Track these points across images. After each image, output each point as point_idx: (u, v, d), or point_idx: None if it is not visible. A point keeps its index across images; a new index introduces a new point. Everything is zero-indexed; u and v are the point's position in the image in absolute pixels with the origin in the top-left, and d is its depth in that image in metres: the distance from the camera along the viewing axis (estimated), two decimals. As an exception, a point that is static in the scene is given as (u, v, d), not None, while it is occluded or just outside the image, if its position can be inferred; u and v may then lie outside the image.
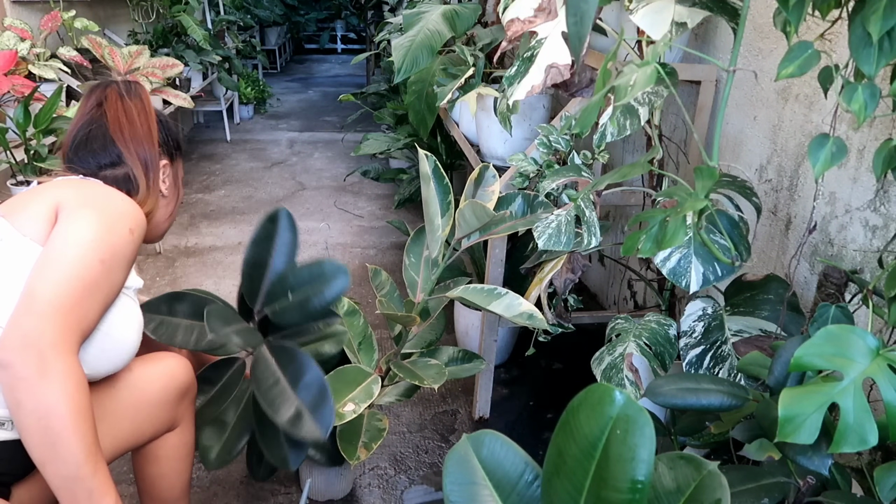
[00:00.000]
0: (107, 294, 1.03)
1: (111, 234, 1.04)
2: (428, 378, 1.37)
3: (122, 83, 1.27)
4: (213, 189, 4.02)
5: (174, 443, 1.30)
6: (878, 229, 1.29)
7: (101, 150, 1.19)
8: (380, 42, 3.37)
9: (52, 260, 0.98)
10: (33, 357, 0.90)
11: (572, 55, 1.28)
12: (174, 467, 1.32)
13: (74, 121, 1.22)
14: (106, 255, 1.02)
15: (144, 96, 1.27)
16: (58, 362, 0.91)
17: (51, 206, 1.05)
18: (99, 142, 1.19)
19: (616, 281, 2.55)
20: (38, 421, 0.90)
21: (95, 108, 1.22)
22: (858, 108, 0.84)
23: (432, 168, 1.43)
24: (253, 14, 6.62)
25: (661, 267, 1.20)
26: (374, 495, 1.75)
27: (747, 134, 1.69)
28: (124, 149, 1.20)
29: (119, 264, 1.05)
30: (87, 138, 1.19)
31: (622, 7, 1.60)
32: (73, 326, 0.96)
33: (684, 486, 0.68)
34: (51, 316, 0.93)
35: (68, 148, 1.20)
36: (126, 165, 1.20)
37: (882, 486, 0.85)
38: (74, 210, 1.05)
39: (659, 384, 1.04)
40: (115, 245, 1.04)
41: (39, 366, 0.90)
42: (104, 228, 1.04)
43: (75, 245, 1.00)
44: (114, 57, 3.07)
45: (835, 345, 0.82)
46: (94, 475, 0.94)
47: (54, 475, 0.92)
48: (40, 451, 0.91)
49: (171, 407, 1.26)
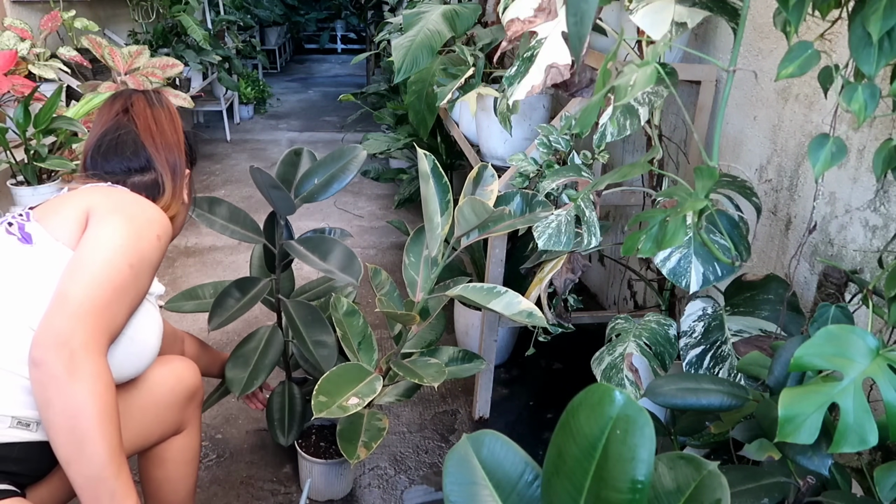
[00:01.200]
0: (133, 298, 1.06)
1: (140, 239, 1.07)
2: (427, 377, 1.37)
3: (148, 93, 1.30)
4: (214, 189, 4.02)
5: (180, 446, 1.31)
6: (878, 229, 1.29)
7: (132, 156, 1.22)
8: (380, 42, 3.37)
9: (84, 263, 1.01)
10: (65, 356, 0.91)
11: (572, 55, 1.28)
12: (180, 470, 1.33)
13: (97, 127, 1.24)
14: (134, 259, 1.05)
15: (170, 105, 1.31)
16: (88, 362, 0.93)
17: (82, 211, 1.08)
18: (130, 147, 1.22)
19: (616, 281, 2.55)
20: (66, 420, 0.91)
21: (122, 115, 1.24)
22: (858, 108, 0.84)
23: (431, 167, 1.43)
24: (253, 14, 6.62)
25: (661, 267, 1.20)
26: (374, 495, 1.75)
27: (747, 134, 1.69)
28: (155, 154, 1.23)
29: (146, 269, 1.08)
30: (116, 143, 1.21)
31: (622, 7, 1.60)
32: (102, 328, 0.98)
33: (684, 486, 0.68)
34: (82, 317, 0.95)
35: (94, 152, 1.22)
36: (155, 171, 1.23)
37: (882, 486, 0.85)
38: (105, 216, 1.07)
39: (659, 384, 1.04)
40: (143, 250, 1.07)
41: (70, 365, 0.91)
42: (133, 234, 1.07)
43: (106, 249, 1.03)
44: (114, 57, 3.07)
45: (835, 345, 0.82)
46: (117, 477, 0.94)
47: (78, 474, 0.93)
48: (67, 449, 0.92)
49: (179, 410, 1.27)
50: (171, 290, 2.74)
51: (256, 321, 2.47)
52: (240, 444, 1.91)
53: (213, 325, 1.47)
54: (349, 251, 1.47)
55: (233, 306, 1.51)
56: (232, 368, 1.59)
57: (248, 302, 1.52)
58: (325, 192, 1.53)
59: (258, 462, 1.84)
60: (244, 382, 1.56)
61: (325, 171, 1.54)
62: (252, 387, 1.56)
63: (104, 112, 1.26)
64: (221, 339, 2.41)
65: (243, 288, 1.55)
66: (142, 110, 1.26)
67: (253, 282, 1.56)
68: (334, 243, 1.48)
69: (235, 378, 1.57)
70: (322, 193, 1.53)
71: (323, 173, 1.53)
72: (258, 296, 1.54)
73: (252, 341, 1.65)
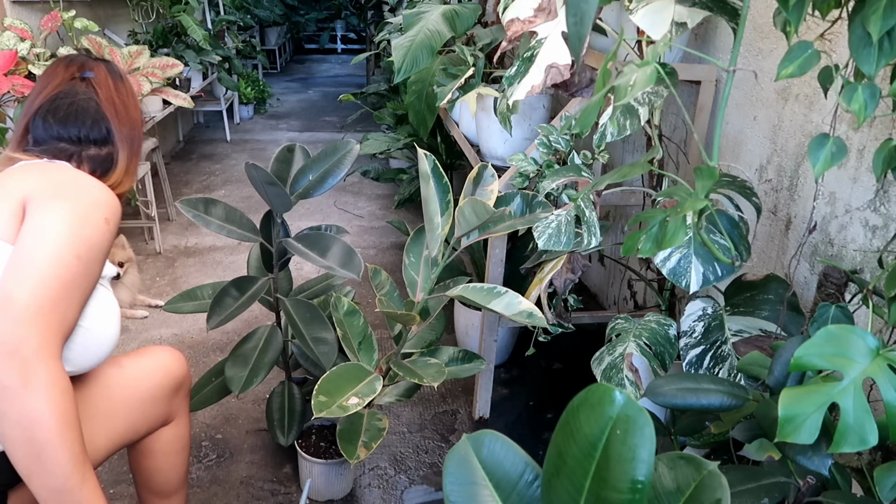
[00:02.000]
0: (85, 290, 0.98)
1: (86, 226, 0.98)
2: (427, 377, 1.37)
3: (109, 63, 1.22)
4: (214, 189, 4.02)
5: (169, 436, 1.30)
6: (878, 229, 1.29)
7: (92, 125, 1.13)
8: (380, 42, 3.37)
9: (26, 260, 0.92)
10: (16, 365, 0.85)
11: (572, 55, 1.28)
12: (170, 461, 1.32)
13: (48, 88, 1.14)
14: (82, 249, 0.96)
15: (130, 79, 1.24)
16: (42, 370, 0.86)
17: (17, 201, 0.98)
18: (91, 116, 1.13)
19: (616, 281, 2.55)
20: (22, 432, 0.86)
21: (79, 81, 1.15)
22: (858, 108, 0.84)
23: (431, 167, 1.43)
24: (253, 14, 6.62)
25: (661, 267, 1.20)
26: (374, 495, 1.75)
27: (747, 134, 1.69)
28: (116, 127, 1.15)
29: (96, 258, 0.99)
30: (76, 109, 1.12)
31: (622, 7, 1.60)
32: (54, 329, 0.90)
33: (684, 486, 0.68)
34: (30, 320, 0.87)
35: (47, 114, 1.11)
36: (113, 146, 1.15)
37: (882, 486, 0.85)
38: (44, 203, 0.97)
39: (659, 384, 1.04)
40: (90, 238, 0.98)
41: (23, 375, 0.85)
42: (78, 221, 0.97)
43: (49, 242, 0.93)
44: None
45: (835, 345, 0.82)
46: (81, 487, 0.90)
47: (41, 487, 0.88)
48: (26, 463, 0.87)
49: (166, 401, 1.25)
50: (171, 290, 2.74)
51: (256, 321, 2.47)
52: (240, 444, 1.91)
53: (211, 325, 1.47)
54: (348, 247, 1.47)
55: (231, 306, 1.51)
56: (231, 367, 1.60)
57: (245, 301, 1.52)
58: (320, 188, 1.52)
59: (258, 462, 1.84)
60: (243, 381, 1.56)
61: (319, 167, 1.54)
62: (251, 385, 1.56)
63: (56, 73, 1.16)
64: (221, 338, 2.41)
65: (241, 287, 1.55)
66: (104, 80, 1.17)
67: (251, 281, 1.56)
68: (333, 239, 1.48)
69: (235, 376, 1.57)
70: (317, 189, 1.53)
71: (317, 169, 1.54)
72: (256, 295, 1.54)
73: (251, 340, 1.66)
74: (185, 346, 2.38)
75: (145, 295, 2.65)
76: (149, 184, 3.02)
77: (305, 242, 1.50)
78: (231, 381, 1.57)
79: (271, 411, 1.75)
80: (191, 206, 1.53)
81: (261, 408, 2.05)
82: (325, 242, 1.48)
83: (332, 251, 1.47)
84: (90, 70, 1.17)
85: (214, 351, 2.35)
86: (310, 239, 1.51)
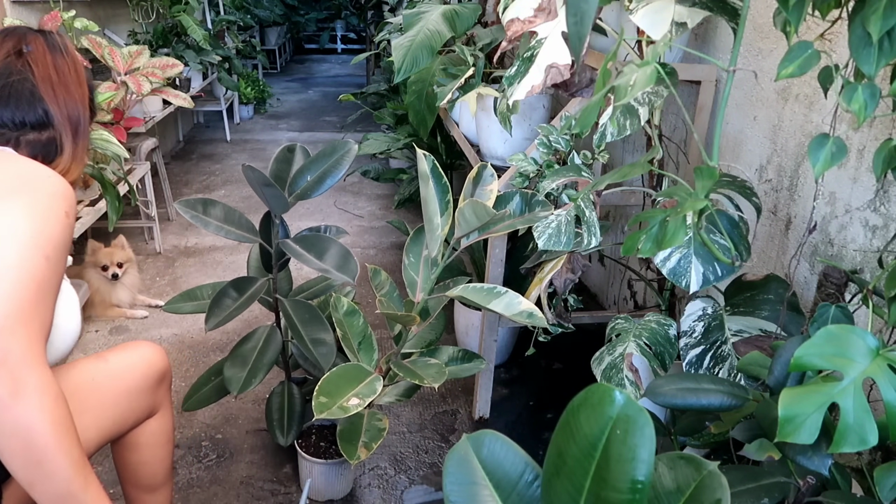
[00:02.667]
0: (56, 288, 0.95)
1: (48, 222, 0.93)
2: (428, 377, 1.37)
3: (48, 34, 1.12)
4: (214, 189, 4.02)
5: (154, 429, 1.30)
6: (878, 229, 1.29)
7: (27, 108, 1.04)
8: (380, 42, 3.37)
9: None
10: (4, 376, 0.82)
11: (572, 55, 1.28)
12: (155, 453, 1.32)
13: None
14: (49, 249, 0.92)
15: (74, 52, 1.13)
16: (31, 377, 0.84)
17: None
18: (25, 98, 1.04)
19: (616, 281, 2.55)
20: (19, 442, 0.84)
21: (14, 58, 1.06)
22: (858, 108, 0.84)
23: (431, 167, 1.43)
24: (253, 14, 6.62)
25: (661, 267, 1.20)
26: (374, 495, 1.75)
27: (747, 134, 1.69)
28: (55, 108, 1.06)
29: (61, 254, 0.95)
30: (9, 92, 1.04)
31: (622, 7, 1.60)
32: (36, 333, 0.88)
33: (684, 486, 0.68)
34: (11, 328, 0.84)
35: None
36: (54, 129, 1.06)
37: (882, 486, 0.85)
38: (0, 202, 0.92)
39: (659, 384, 1.04)
40: (54, 236, 0.93)
41: (12, 385, 0.83)
42: (40, 219, 0.92)
43: (16, 245, 0.88)
44: (114, 57, 3.07)
45: (835, 345, 0.82)
46: (85, 489, 0.89)
47: (44, 494, 0.87)
48: (26, 472, 0.85)
49: (150, 394, 1.26)
50: (170, 290, 2.74)
51: (256, 321, 2.47)
52: (240, 444, 1.91)
53: (210, 325, 1.47)
54: (345, 250, 1.47)
55: (230, 306, 1.51)
56: (230, 367, 1.60)
57: (244, 302, 1.52)
58: (318, 189, 1.52)
59: (258, 462, 1.84)
60: (242, 381, 1.56)
61: (317, 167, 1.53)
62: (250, 386, 1.56)
63: None
64: (221, 338, 2.41)
65: (240, 288, 1.55)
66: (41, 56, 1.08)
67: (250, 281, 1.56)
68: (330, 242, 1.49)
69: (234, 377, 1.57)
70: (316, 190, 1.52)
71: (316, 169, 1.53)
72: (255, 295, 1.54)
73: (250, 341, 1.66)
74: (185, 346, 2.38)
75: (145, 295, 2.66)
76: (149, 184, 3.02)
77: (303, 244, 1.50)
78: (230, 381, 1.57)
79: (271, 411, 1.75)
80: (189, 206, 1.53)
81: (261, 408, 2.05)
82: (322, 244, 1.48)
83: (328, 253, 1.47)
84: (28, 44, 1.08)
85: (214, 351, 2.35)
86: (307, 241, 1.51)
